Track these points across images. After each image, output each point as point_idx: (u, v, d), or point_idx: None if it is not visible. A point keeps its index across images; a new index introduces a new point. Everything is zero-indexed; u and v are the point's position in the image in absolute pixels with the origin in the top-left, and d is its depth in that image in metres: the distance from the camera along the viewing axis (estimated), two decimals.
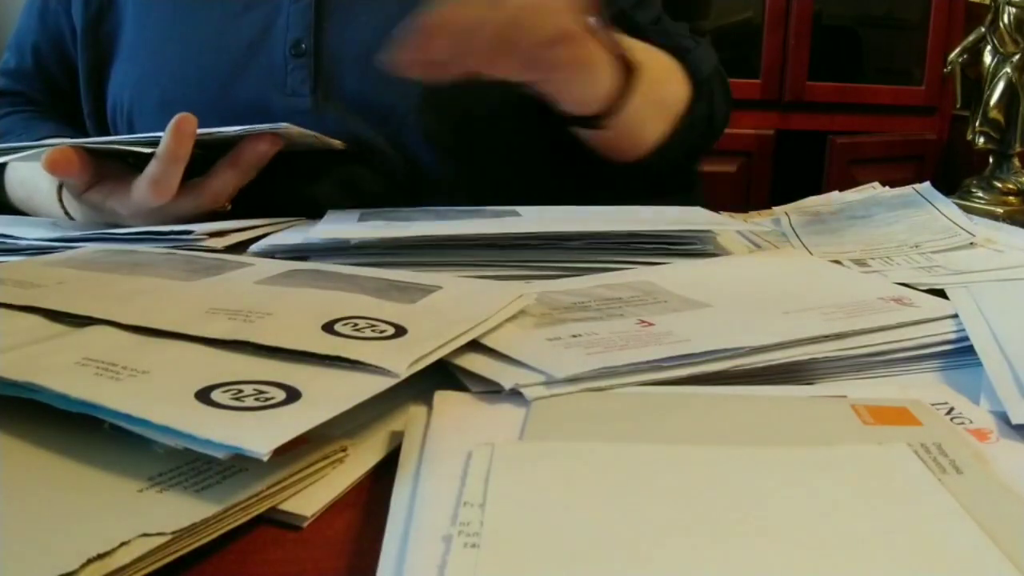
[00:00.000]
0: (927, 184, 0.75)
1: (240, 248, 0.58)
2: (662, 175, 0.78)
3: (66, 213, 0.72)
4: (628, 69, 0.65)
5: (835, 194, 0.81)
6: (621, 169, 0.75)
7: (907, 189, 0.75)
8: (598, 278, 0.50)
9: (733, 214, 0.75)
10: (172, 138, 0.59)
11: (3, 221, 0.66)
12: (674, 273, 0.51)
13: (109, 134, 0.80)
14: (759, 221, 0.73)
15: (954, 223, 0.65)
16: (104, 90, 0.81)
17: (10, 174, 0.80)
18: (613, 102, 0.65)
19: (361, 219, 0.61)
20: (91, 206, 0.67)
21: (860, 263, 0.58)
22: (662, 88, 0.73)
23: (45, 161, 0.60)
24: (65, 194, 0.71)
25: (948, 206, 0.69)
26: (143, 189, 0.61)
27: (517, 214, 0.62)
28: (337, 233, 0.55)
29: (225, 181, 0.64)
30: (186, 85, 0.75)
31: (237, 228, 0.60)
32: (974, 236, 0.62)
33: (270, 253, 0.55)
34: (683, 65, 0.76)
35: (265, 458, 0.26)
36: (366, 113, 0.73)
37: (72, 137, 0.78)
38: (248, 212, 0.67)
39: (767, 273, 0.54)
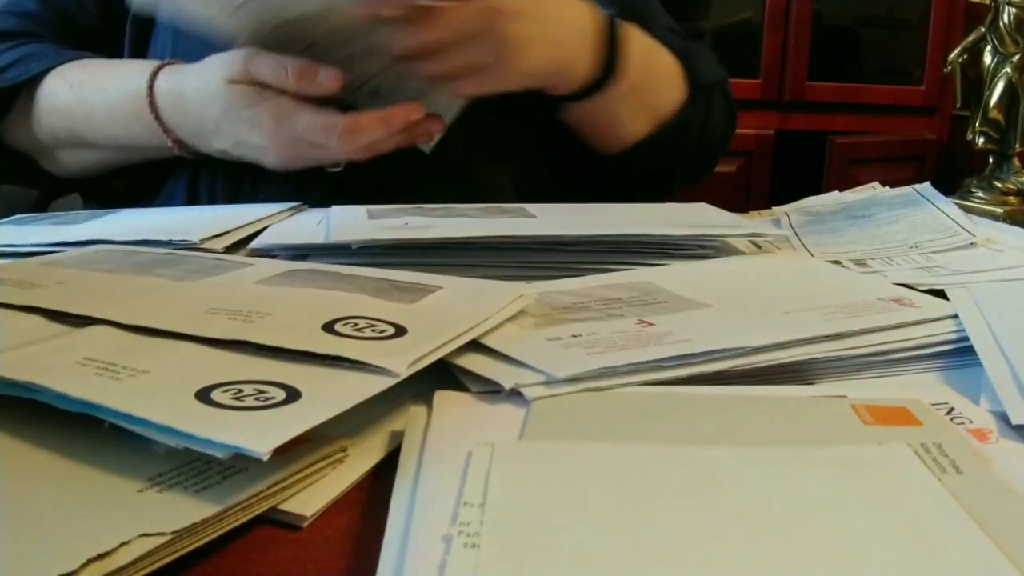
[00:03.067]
0: (927, 184, 0.75)
1: (239, 247, 0.58)
2: (643, 178, 0.79)
3: (155, 116, 0.66)
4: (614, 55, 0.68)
5: (835, 194, 0.81)
6: (600, 165, 0.76)
7: (907, 189, 0.75)
8: (598, 278, 0.50)
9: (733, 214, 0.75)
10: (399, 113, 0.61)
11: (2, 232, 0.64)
12: (674, 273, 0.51)
13: None
14: (762, 223, 0.73)
15: (954, 223, 0.65)
16: (148, 38, 0.76)
17: (43, 103, 0.71)
18: (596, 79, 0.68)
19: (370, 217, 0.61)
20: (238, 101, 0.62)
21: (860, 263, 0.58)
22: (655, 91, 0.74)
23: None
24: (162, 88, 0.65)
25: (948, 206, 0.69)
26: (336, 128, 0.61)
27: (529, 213, 0.62)
28: (342, 235, 0.54)
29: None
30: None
31: (237, 227, 0.60)
32: (974, 236, 0.62)
33: (270, 252, 0.55)
34: (684, 70, 0.76)
35: (265, 458, 0.26)
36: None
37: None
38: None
39: (767, 273, 0.54)
